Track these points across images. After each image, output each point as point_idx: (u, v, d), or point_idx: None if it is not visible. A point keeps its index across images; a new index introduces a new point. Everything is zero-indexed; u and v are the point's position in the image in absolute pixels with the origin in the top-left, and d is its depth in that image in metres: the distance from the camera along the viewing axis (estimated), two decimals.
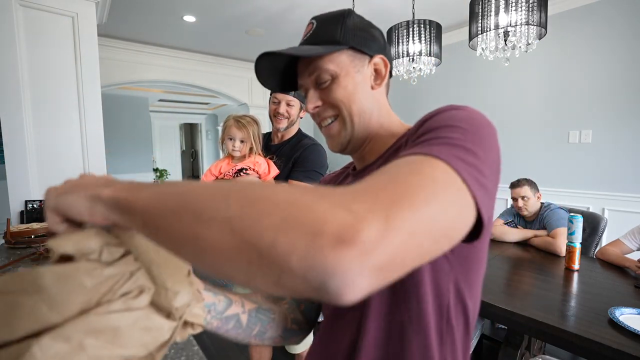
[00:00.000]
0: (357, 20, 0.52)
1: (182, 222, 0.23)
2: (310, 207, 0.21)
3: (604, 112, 2.57)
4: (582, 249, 1.64)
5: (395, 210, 0.22)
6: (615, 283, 1.36)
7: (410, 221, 0.22)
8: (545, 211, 1.90)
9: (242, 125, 1.24)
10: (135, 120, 5.86)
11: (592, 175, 2.66)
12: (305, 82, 0.53)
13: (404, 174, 0.27)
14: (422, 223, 0.23)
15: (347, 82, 0.50)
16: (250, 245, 0.20)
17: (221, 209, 0.22)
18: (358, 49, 0.51)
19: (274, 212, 0.21)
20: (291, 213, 0.21)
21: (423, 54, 2.02)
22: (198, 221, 0.22)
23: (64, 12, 1.95)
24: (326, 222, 0.20)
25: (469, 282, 0.44)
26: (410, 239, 0.22)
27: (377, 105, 0.53)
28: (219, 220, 0.22)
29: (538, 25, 1.45)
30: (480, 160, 0.32)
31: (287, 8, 3.00)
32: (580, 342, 0.97)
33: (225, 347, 2.16)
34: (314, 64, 0.50)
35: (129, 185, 0.29)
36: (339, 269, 0.19)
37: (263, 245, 0.20)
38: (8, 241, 1.49)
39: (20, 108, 1.83)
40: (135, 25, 3.33)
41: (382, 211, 0.21)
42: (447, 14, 3.11)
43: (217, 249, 0.22)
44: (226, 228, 0.21)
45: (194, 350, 0.67)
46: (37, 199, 1.89)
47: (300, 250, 0.19)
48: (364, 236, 0.20)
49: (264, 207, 0.21)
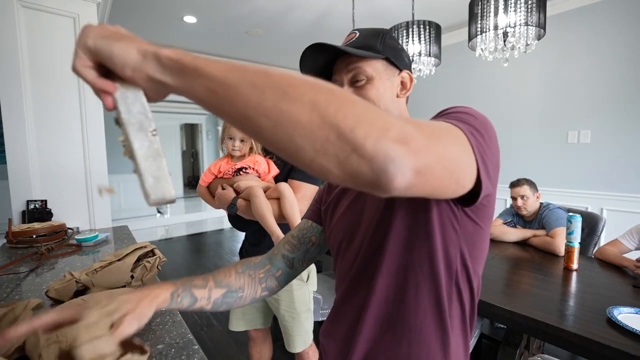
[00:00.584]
0: (392, 40, 0.61)
1: (265, 96, 0.27)
2: (380, 112, 0.28)
3: (602, 112, 2.57)
4: (581, 249, 1.65)
5: (434, 139, 0.31)
6: (613, 282, 1.36)
7: (441, 149, 0.31)
8: (544, 211, 1.90)
9: None
10: None
11: (591, 175, 2.66)
12: (341, 78, 0.59)
13: (440, 126, 0.36)
14: (447, 154, 0.32)
15: (380, 85, 0.58)
16: (332, 125, 0.26)
17: (308, 92, 0.27)
18: (392, 61, 0.59)
19: (355, 105, 0.27)
20: (368, 110, 0.27)
21: (422, 54, 2.02)
22: (284, 98, 0.27)
23: (65, 13, 1.96)
24: (393, 125, 0.27)
25: (473, 256, 0.51)
26: (439, 160, 0.30)
27: (398, 112, 0.61)
28: (306, 100, 0.26)
29: (537, 26, 1.45)
30: (485, 142, 0.40)
31: (287, 8, 3.00)
32: (579, 341, 0.97)
33: (225, 347, 2.17)
34: (354, 64, 0.57)
35: (187, 52, 0.31)
36: (397, 158, 0.26)
37: (344, 128, 0.26)
38: (10, 241, 1.50)
39: (21, 108, 1.83)
40: (136, 26, 3.34)
41: (426, 135, 0.30)
42: (447, 14, 3.12)
43: (299, 124, 0.26)
44: (312, 108, 0.26)
45: (194, 350, 0.67)
46: (38, 198, 1.90)
47: (373, 137, 0.26)
48: (415, 144, 0.27)
49: (347, 100, 0.27)
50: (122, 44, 0.31)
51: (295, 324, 1.28)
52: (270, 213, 1.12)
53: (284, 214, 1.13)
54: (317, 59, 0.58)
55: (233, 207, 1.16)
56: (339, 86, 0.59)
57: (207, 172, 1.29)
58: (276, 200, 1.15)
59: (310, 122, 0.26)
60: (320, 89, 0.28)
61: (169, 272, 3.53)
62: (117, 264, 0.95)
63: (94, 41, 0.31)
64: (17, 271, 1.15)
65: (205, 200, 1.32)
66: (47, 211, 1.87)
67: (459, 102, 3.47)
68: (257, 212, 1.12)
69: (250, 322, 1.39)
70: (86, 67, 0.31)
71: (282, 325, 1.31)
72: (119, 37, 0.31)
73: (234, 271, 0.66)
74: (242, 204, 1.16)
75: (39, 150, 1.91)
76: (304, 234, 0.72)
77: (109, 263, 0.95)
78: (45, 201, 1.90)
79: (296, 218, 1.12)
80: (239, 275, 0.66)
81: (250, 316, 1.39)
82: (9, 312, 0.66)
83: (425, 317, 0.51)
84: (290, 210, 1.12)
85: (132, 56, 0.30)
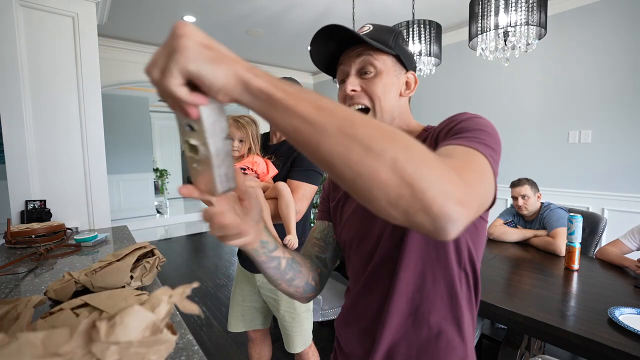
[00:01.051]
0: (403, 41, 0.63)
1: (350, 149, 0.30)
2: (444, 170, 0.31)
3: (603, 112, 2.57)
4: (582, 249, 1.65)
5: (477, 188, 0.36)
6: (614, 283, 1.36)
7: (481, 194, 0.37)
8: (545, 211, 1.90)
9: (241, 125, 1.24)
10: (135, 120, 5.85)
11: (592, 175, 2.66)
12: (348, 67, 0.60)
13: (475, 165, 0.40)
14: (485, 195, 0.38)
15: (387, 80, 0.59)
16: (407, 185, 0.29)
17: (389, 149, 0.30)
18: (401, 59, 0.61)
19: (427, 164, 0.30)
20: (437, 169, 0.31)
21: (423, 54, 2.02)
22: (368, 154, 0.29)
23: (65, 12, 1.95)
24: (454, 185, 0.31)
25: (476, 244, 0.57)
26: (481, 205, 0.36)
27: (399, 110, 0.63)
28: (387, 158, 0.29)
29: (538, 26, 1.45)
30: (498, 156, 0.45)
31: (287, 8, 3.00)
32: (579, 341, 0.97)
33: (225, 347, 2.16)
34: (365, 55, 0.58)
35: (278, 82, 0.32)
36: (456, 219, 0.30)
37: (417, 189, 0.29)
38: (8, 241, 1.49)
39: (20, 108, 1.83)
40: (136, 25, 3.33)
41: (472, 188, 0.34)
42: (447, 14, 3.11)
43: (378, 180, 0.29)
44: (392, 166, 0.29)
45: (194, 350, 0.67)
46: (37, 198, 1.89)
47: (439, 201, 0.29)
48: (469, 202, 0.32)
49: (421, 159, 0.30)
50: (223, 71, 0.29)
51: (295, 324, 1.28)
52: (268, 215, 1.11)
53: (280, 213, 1.12)
54: (329, 43, 0.59)
55: None
56: (346, 74, 0.62)
57: None
58: (274, 200, 1.15)
59: (389, 179, 0.29)
60: (399, 145, 0.31)
61: (169, 273, 3.53)
62: (116, 264, 0.94)
63: (197, 66, 0.29)
64: (16, 271, 1.15)
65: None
66: (46, 211, 1.86)
67: (459, 102, 3.47)
68: None
69: (250, 322, 1.39)
70: (180, 86, 0.30)
71: (282, 325, 1.31)
72: (219, 59, 0.30)
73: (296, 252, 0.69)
74: None
75: (38, 150, 1.90)
76: (325, 234, 0.73)
77: (108, 263, 0.95)
78: (44, 201, 1.90)
79: (291, 218, 1.11)
80: (300, 255, 0.68)
81: (249, 317, 1.38)
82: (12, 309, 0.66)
83: (441, 302, 0.56)
84: (285, 209, 1.12)
85: (227, 82, 0.30)
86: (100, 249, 1.48)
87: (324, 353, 1.47)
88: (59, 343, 0.29)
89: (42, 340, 0.29)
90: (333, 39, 0.58)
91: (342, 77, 0.62)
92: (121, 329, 0.32)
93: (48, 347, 0.29)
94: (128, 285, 0.93)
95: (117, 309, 0.35)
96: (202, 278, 3.34)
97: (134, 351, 0.32)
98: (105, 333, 0.31)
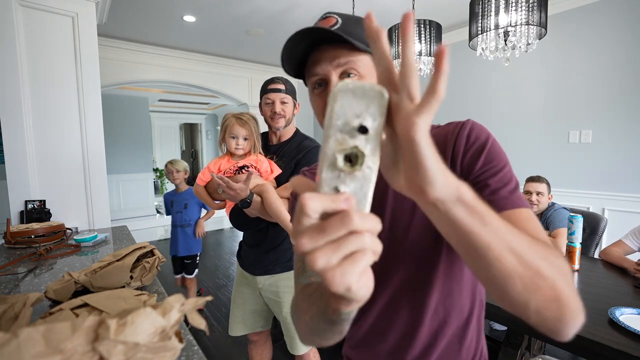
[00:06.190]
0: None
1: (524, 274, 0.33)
2: (573, 288, 0.36)
3: (604, 112, 2.56)
4: (582, 249, 1.65)
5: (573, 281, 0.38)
6: (615, 283, 1.36)
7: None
8: (549, 211, 1.91)
9: (244, 122, 1.22)
10: (135, 120, 5.84)
11: (592, 175, 2.66)
12: (327, 71, 0.51)
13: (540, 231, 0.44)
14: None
15: None
16: (559, 303, 0.34)
17: (554, 274, 0.34)
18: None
19: (570, 284, 0.35)
20: (573, 289, 0.35)
21: (423, 54, 2.02)
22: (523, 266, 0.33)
23: (64, 12, 1.95)
24: (578, 305, 0.36)
25: None
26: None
27: None
28: (550, 278, 0.34)
29: (538, 25, 1.45)
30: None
31: (287, 8, 3.00)
32: (580, 342, 0.97)
33: (225, 347, 2.16)
34: (346, 57, 0.50)
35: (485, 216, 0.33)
36: (576, 328, 0.36)
37: (563, 307, 0.34)
38: (8, 241, 1.49)
39: (20, 108, 1.83)
40: (135, 25, 3.33)
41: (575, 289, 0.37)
42: (447, 14, 3.11)
43: (539, 295, 0.33)
44: (552, 287, 0.34)
45: (193, 350, 0.67)
46: (37, 198, 1.89)
47: (571, 321, 0.35)
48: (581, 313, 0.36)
49: (569, 280, 0.35)
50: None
51: None
52: (284, 208, 1.11)
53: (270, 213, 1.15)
54: (299, 44, 0.50)
55: (246, 201, 1.11)
56: (325, 81, 0.53)
57: (206, 171, 1.25)
58: (285, 200, 1.14)
59: (547, 296, 0.34)
60: (557, 267, 0.35)
61: (169, 273, 3.52)
62: (116, 264, 0.94)
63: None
64: (15, 272, 1.14)
65: (202, 200, 1.29)
66: (45, 211, 1.86)
67: (459, 102, 3.47)
68: (270, 208, 1.11)
69: (251, 326, 1.38)
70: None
71: (284, 327, 1.30)
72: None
73: None
74: (257, 200, 1.13)
75: (37, 150, 1.90)
76: None
77: (108, 263, 0.95)
78: (44, 201, 1.89)
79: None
80: None
81: (250, 320, 1.37)
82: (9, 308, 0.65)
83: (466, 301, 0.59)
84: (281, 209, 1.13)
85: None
86: (100, 249, 1.48)
87: (324, 355, 1.47)
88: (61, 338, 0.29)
89: (43, 334, 0.29)
90: (304, 40, 0.50)
91: (317, 80, 0.53)
92: (131, 329, 0.31)
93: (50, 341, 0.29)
94: (128, 285, 0.93)
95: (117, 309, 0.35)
96: (202, 278, 3.34)
97: (141, 356, 0.32)
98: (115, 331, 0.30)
